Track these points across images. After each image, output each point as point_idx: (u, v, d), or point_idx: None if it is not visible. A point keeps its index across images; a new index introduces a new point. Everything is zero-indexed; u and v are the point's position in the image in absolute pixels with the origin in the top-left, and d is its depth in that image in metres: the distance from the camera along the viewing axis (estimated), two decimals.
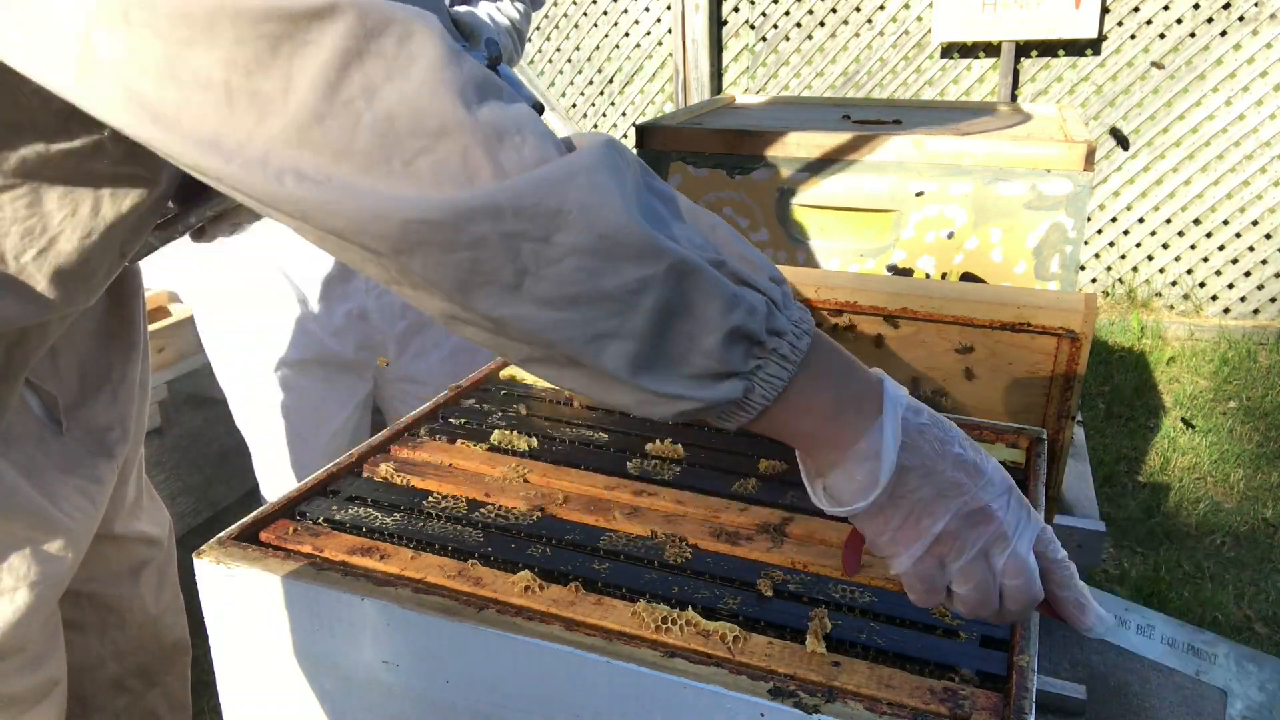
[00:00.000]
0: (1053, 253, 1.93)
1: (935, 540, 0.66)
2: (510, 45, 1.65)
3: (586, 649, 0.81)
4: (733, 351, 0.63)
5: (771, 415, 0.67)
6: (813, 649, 0.82)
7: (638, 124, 2.19)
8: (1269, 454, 3.31)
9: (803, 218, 2.11)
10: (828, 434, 0.67)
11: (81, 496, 1.02)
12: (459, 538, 1.00)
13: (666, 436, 1.24)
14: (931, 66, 4.71)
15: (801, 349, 0.65)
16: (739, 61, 5.11)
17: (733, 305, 0.62)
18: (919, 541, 0.66)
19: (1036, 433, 1.26)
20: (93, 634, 1.24)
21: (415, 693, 0.90)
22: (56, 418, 1.01)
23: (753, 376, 0.65)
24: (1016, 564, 0.67)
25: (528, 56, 5.46)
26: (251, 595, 0.94)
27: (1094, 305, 1.24)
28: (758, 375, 0.65)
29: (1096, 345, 4.30)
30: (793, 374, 0.65)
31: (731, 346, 0.63)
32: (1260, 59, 4.19)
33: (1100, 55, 4.42)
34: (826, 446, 0.68)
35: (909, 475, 0.66)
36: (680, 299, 0.61)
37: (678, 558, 0.97)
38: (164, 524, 1.34)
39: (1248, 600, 2.56)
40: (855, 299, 1.35)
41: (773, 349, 0.64)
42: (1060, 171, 1.86)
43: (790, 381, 0.65)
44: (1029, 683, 0.77)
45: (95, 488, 1.05)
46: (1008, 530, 0.66)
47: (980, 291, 1.31)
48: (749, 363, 0.64)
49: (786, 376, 0.65)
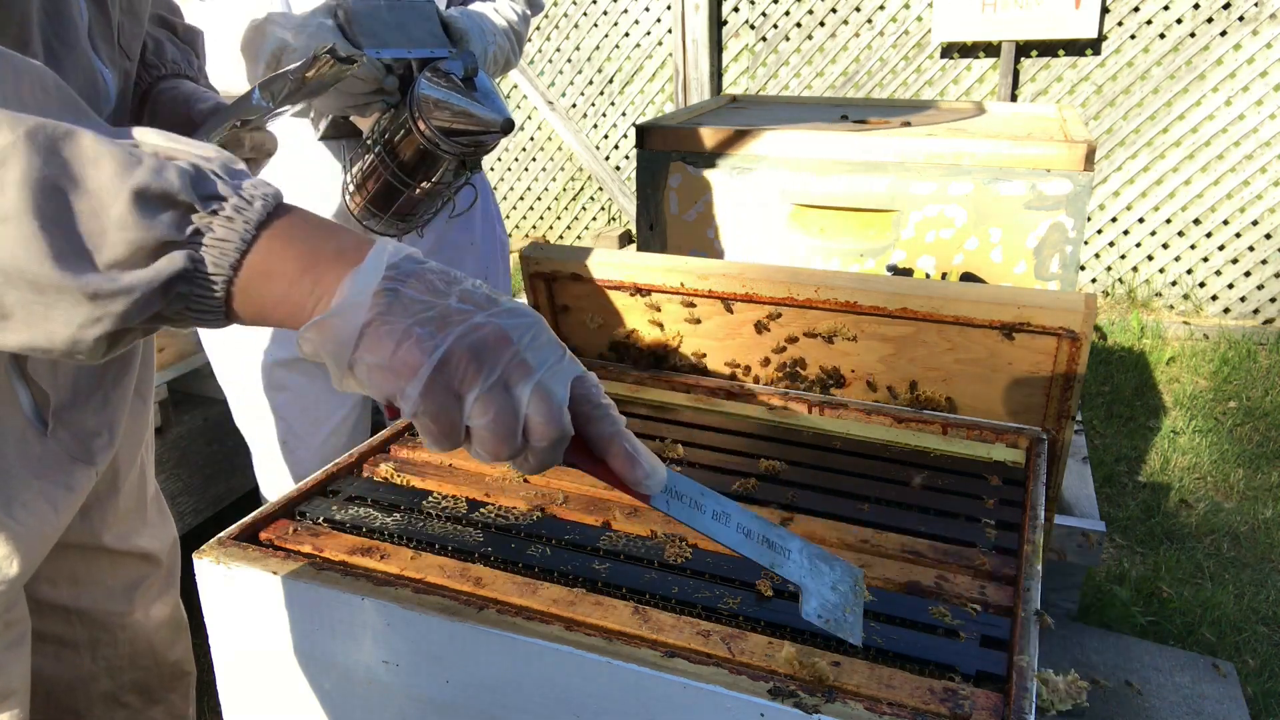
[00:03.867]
0: (1053, 253, 1.93)
1: (441, 366, 0.58)
2: (508, 47, 1.65)
3: (586, 649, 0.81)
4: (154, 218, 0.57)
5: (243, 291, 0.60)
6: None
7: (638, 124, 2.19)
8: (1269, 454, 3.31)
9: (803, 218, 2.11)
10: (302, 290, 0.60)
11: (44, 502, 0.98)
12: (459, 538, 1.00)
13: (667, 437, 1.24)
14: (931, 66, 4.71)
15: (255, 211, 0.60)
16: (739, 61, 5.11)
17: (130, 165, 0.56)
18: (422, 366, 0.58)
19: (1036, 433, 1.26)
20: (83, 650, 1.21)
21: (415, 693, 0.90)
22: (44, 418, 0.98)
23: (196, 244, 0.59)
24: (541, 394, 0.60)
25: (527, 56, 5.46)
26: (251, 595, 0.94)
27: (1094, 305, 1.24)
28: (203, 242, 0.59)
29: (1096, 345, 4.30)
30: (250, 236, 0.59)
31: (148, 211, 0.57)
32: (1260, 59, 4.19)
33: (1100, 55, 4.42)
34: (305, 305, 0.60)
35: (401, 298, 0.59)
36: (62, 169, 0.55)
37: (678, 558, 0.97)
38: (166, 540, 1.30)
39: (1248, 600, 2.56)
40: (855, 299, 1.35)
41: (213, 211, 0.59)
42: (1060, 171, 1.86)
43: (251, 245, 0.59)
44: (1029, 683, 0.77)
45: (64, 495, 1.01)
46: (530, 360, 0.60)
47: (980, 291, 1.31)
48: (184, 229, 0.58)
49: (239, 239, 0.59)
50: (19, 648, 1.02)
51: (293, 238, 0.61)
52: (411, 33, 1.38)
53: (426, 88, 1.30)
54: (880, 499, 1.12)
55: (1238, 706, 2.04)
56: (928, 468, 1.20)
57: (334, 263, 0.60)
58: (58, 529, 1.02)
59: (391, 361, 0.58)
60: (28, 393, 0.96)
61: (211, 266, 0.59)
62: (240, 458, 2.51)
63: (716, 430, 1.30)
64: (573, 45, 5.38)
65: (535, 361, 0.61)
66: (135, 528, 1.23)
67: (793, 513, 1.07)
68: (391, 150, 1.38)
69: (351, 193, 1.49)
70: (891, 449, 1.25)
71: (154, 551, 1.26)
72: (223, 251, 0.59)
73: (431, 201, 1.50)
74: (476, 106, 1.31)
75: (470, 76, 1.31)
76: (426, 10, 1.43)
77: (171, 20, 1.18)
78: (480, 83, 1.32)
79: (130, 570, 1.24)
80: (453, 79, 1.31)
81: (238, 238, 0.59)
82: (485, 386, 0.59)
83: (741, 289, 1.41)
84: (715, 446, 1.24)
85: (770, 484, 1.14)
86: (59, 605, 1.17)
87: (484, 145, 1.36)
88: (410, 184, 1.41)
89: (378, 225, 1.52)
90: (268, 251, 0.60)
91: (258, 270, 0.60)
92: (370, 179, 1.44)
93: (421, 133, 1.31)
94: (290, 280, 0.60)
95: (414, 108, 1.30)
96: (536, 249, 1.54)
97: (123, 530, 1.21)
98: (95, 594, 1.20)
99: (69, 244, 0.56)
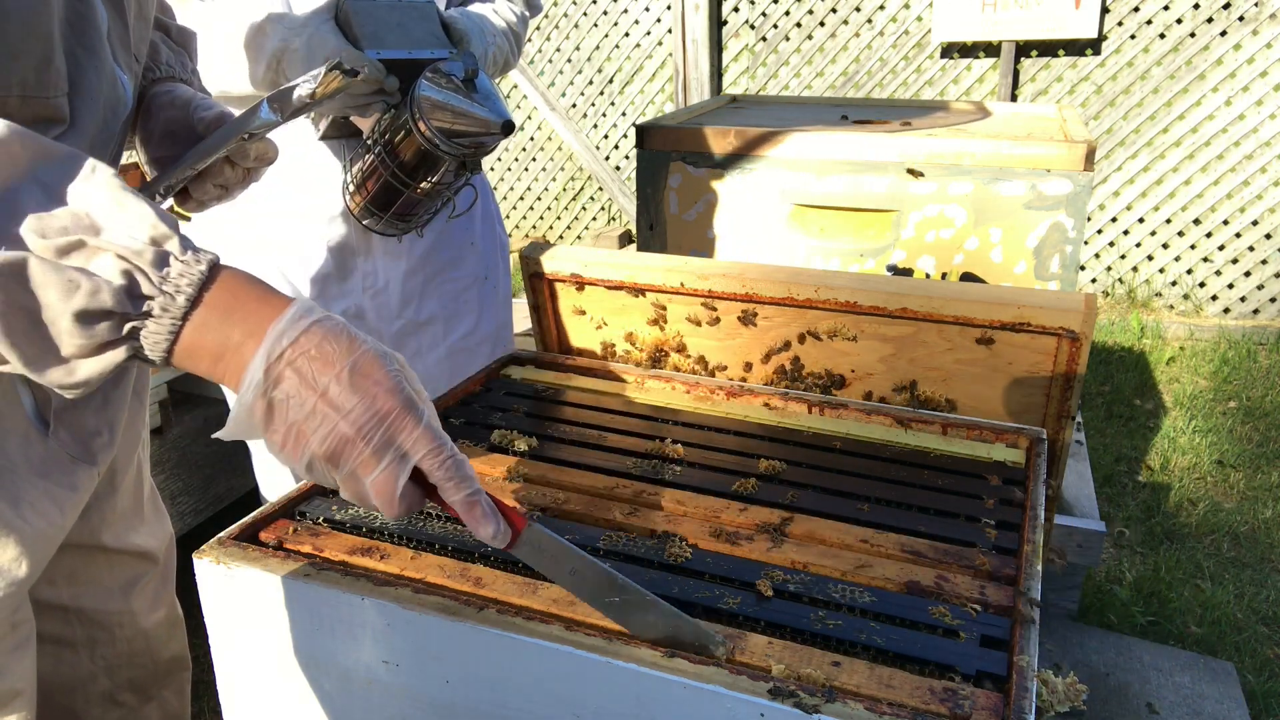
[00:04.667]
0: (1053, 253, 1.93)
1: (309, 468, 0.75)
2: (507, 48, 1.65)
3: (586, 649, 0.81)
4: (95, 328, 0.69)
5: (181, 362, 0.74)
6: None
7: (638, 124, 2.19)
8: (1269, 454, 3.31)
9: (803, 218, 2.11)
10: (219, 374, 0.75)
11: (50, 503, 0.99)
12: (459, 538, 1.00)
13: (667, 437, 1.25)
14: (931, 66, 4.71)
15: (179, 305, 0.71)
16: (739, 61, 5.11)
17: (70, 291, 0.67)
18: (301, 460, 0.75)
19: (1036, 433, 1.26)
20: (82, 650, 1.21)
21: (415, 693, 0.90)
22: (45, 418, 0.98)
23: (134, 337, 0.71)
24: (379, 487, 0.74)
25: (527, 56, 5.46)
26: (251, 595, 0.94)
27: (1094, 305, 1.24)
28: (139, 338, 0.71)
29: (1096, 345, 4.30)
30: (176, 328, 0.72)
31: (88, 324, 0.69)
32: (1260, 59, 4.19)
33: (1100, 55, 4.42)
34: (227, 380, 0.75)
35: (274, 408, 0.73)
36: (24, 295, 0.67)
37: (678, 558, 0.97)
38: (163, 538, 1.30)
39: (1248, 600, 2.56)
40: (855, 299, 1.35)
41: (145, 311, 0.70)
42: (1060, 171, 1.86)
43: (177, 337, 0.72)
44: (1029, 682, 0.77)
45: (68, 495, 1.01)
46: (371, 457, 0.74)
47: (980, 291, 1.31)
48: (120, 330, 0.70)
49: (168, 331, 0.72)
50: (25, 649, 1.02)
51: (209, 328, 0.73)
52: (412, 34, 1.38)
53: (427, 89, 1.30)
54: (880, 499, 1.12)
55: (1238, 706, 2.04)
56: (928, 468, 1.20)
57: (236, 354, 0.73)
58: (63, 530, 1.02)
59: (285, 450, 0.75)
60: (29, 393, 0.96)
61: (149, 352, 0.72)
62: (240, 458, 2.50)
63: (716, 430, 1.30)
64: (573, 45, 5.38)
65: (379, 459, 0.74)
66: (133, 526, 1.23)
67: (793, 513, 1.07)
68: (392, 150, 1.38)
69: (351, 192, 1.49)
70: (891, 449, 1.25)
71: (151, 550, 1.26)
72: (155, 342, 0.72)
73: (431, 202, 1.50)
74: (477, 108, 1.31)
75: (471, 78, 1.31)
76: (427, 11, 1.43)
77: (165, 22, 1.18)
78: (481, 84, 1.32)
79: (128, 568, 1.24)
80: (453, 80, 1.31)
81: (165, 332, 0.72)
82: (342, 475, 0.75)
83: (741, 289, 1.41)
84: (715, 446, 1.24)
85: (770, 484, 1.14)
86: (58, 605, 1.17)
87: (484, 146, 1.36)
88: (410, 184, 1.41)
89: (377, 225, 1.52)
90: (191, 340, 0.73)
91: (186, 351, 0.73)
92: (370, 179, 1.44)
93: (421, 134, 1.31)
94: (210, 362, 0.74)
95: (414, 109, 1.30)
96: (536, 249, 1.54)
97: (121, 529, 1.21)
98: (94, 593, 1.20)
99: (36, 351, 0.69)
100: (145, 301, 0.70)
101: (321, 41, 1.31)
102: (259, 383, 0.72)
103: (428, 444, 0.75)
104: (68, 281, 0.67)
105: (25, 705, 1.02)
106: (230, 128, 1.06)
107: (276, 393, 0.73)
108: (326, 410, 0.73)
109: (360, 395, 0.73)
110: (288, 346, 0.73)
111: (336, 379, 0.73)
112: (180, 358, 0.74)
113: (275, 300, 0.75)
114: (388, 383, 0.74)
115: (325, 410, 0.73)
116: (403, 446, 0.74)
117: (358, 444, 0.73)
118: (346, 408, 0.73)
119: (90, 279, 0.68)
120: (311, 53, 1.32)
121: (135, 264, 0.70)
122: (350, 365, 0.73)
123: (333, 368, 0.73)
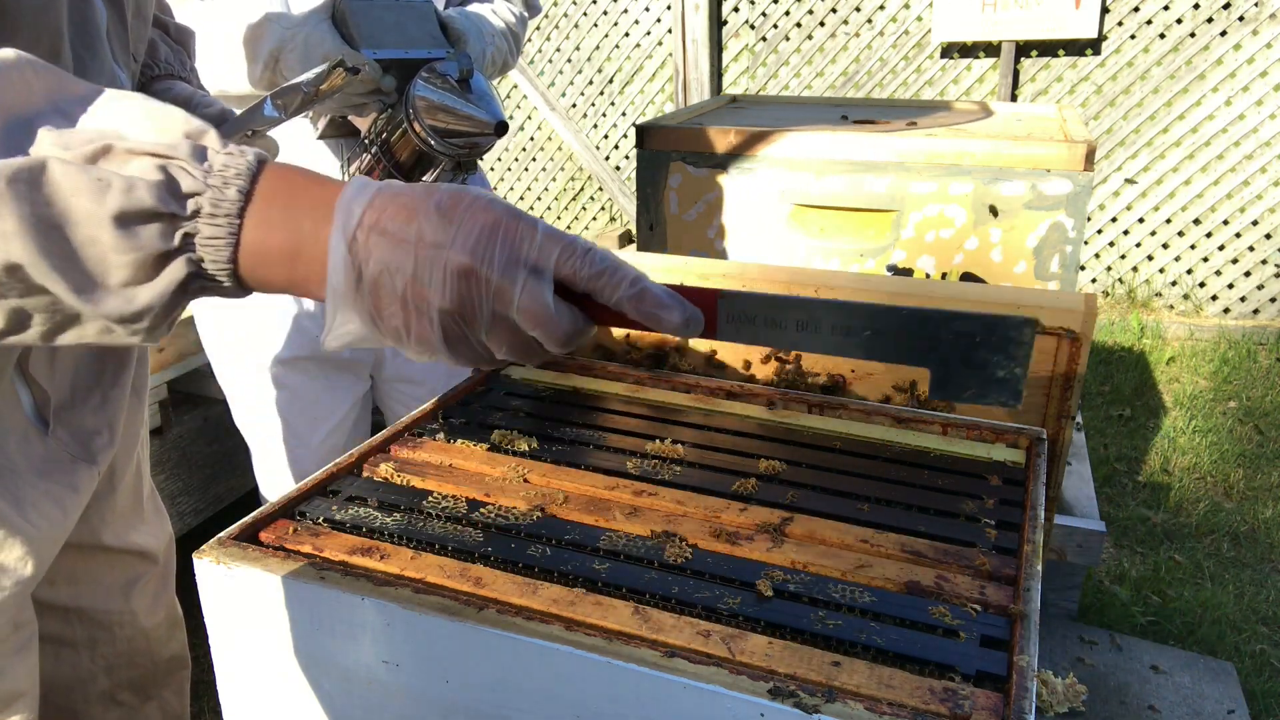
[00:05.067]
0: (1053, 253, 1.93)
1: (447, 324, 0.64)
2: (506, 48, 1.65)
3: (586, 649, 0.81)
4: (140, 235, 0.59)
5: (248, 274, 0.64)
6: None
7: (638, 124, 2.19)
8: (1269, 454, 3.31)
9: (803, 218, 2.11)
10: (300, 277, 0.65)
11: (52, 503, 0.98)
12: (459, 538, 1.00)
13: (667, 437, 1.24)
14: (931, 66, 4.71)
15: (232, 198, 0.62)
16: (739, 61, 5.11)
17: (101, 191, 0.58)
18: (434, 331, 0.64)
19: (1036, 433, 1.26)
20: (82, 650, 1.21)
21: (415, 693, 0.90)
22: (44, 418, 0.98)
23: (190, 247, 0.61)
24: (530, 313, 0.64)
25: (527, 56, 5.47)
26: (251, 595, 0.94)
27: (1094, 305, 1.24)
28: (196, 244, 0.61)
29: (1096, 345, 4.30)
30: (235, 228, 0.62)
31: (133, 231, 0.59)
32: (1260, 59, 4.19)
33: (1100, 55, 4.42)
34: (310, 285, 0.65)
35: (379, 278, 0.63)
36: (49, 207, 0.57)
37: (678, 558, 0.97)
38: (163, 537, 1.30)
39: (1248, 600, 2.56)
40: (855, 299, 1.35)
41: (194, 211, 0.61)
42: (1060, 171, 1.86)
43: (239, 234, 0.62)
44: (1029, 682, 0.77)
45: (70, 495, 1.01)
46: (502, 282, 0.63)
47: (980, 291, 1.31)
48: (172, 238, 0.60)
49: (226, 232, 0.62)
50: (27, 649, 1.02)
51: (272, 224, 0.63)
52: (409, 33, 1.38)
53: (421, 89, 1.30)
54: (880, 499, 1.11)
55: (1238, 706, 2.04)
56: (928, 468, 1.20)
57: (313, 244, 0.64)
58: (65, 530, 1.02)
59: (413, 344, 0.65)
60: (28, 392, 0.96)
61: (211, 264, 0.62)
62: (240, 458, 2.51)
63: (716, 430, 1.30)
64: (573, 45, 5.38)
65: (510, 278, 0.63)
66: (133, 526, 1.23)
67: (793, 513, 1.06)
68: (388, 150, 1.38)
69: None
70: (891, 449, 1.25)
71: (151, 549, 1.26)
72: (216, 249, 0.62)
73: None
74: (471, 108, 1.31)
75: (466, 78, 1.31)
76: (424, 11, 1.43)
77: (164, 20, 1.18)
78: (476, 84, 1.32)
79: (128, 568, 1.24)
80: (448, 80, 1.31)
81: (224, 233, 0.62)
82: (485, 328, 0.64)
83: (741, 289, 1.41)
84: (715, 446, 1.24)
85: (770, 484, 1.14)
86: (58, 605, 1.17)
87: (479, 147, 1.36)
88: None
89: None
90: (256, 240, 0.63)
91: (255, 257, 0.64)
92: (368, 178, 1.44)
93: (416, 134, 1.31)
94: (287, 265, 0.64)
95: (409, 109, 1.30)
96: None
97: (120, 528, 1.21)
98: (94, 593, 1.20)
99: (83, 277, 0.59)
100: (192, 199, 0.61)
101: (319, 41, 1.31)
102: (347, 262, 0.63)
103: (557, 245, 0.65)
104: (97, 181, 0.58)
105: (28, 706, 1.02)
106: (233, 124, 1.06)
107: (371, 266, 0.63)
108: (430, 253, 0.63)
109: (458, 222, 0.64)
110: (364, 211, 0.64)
111: (426, 219, 0.63)
112: (250, 267, 0.63)
113: (332, 183, 0.67)
114: (482, 201, 0.65)
115: (429, 254, 0.63)
116: (530, 257, 0.64)
117: (480, 273, 0.63)
118: (450, 238, 0.63)
119: (123, 178, 0.59)
120: (309, 52, 1.32)
121: (171, 156, 0.61)
122: (435, 204, 0.64)
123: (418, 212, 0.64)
